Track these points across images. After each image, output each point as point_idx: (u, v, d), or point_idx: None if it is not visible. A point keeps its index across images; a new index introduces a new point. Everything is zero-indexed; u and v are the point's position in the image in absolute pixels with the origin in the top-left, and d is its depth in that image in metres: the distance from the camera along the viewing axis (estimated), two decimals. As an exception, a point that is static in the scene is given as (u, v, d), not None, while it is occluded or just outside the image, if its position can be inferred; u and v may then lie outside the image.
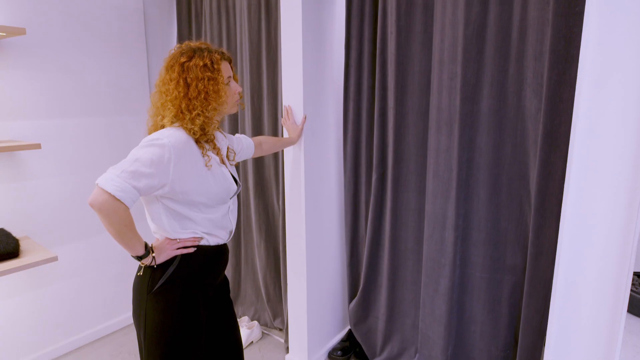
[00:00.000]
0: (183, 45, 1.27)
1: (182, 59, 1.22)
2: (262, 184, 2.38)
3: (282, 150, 2.07)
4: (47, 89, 2.09)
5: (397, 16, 1.74)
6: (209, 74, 1.22)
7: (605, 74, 1.08)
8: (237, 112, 2.40)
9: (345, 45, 1.95)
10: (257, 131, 2.33)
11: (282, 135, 2.07)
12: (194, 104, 1.21)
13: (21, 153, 2.02)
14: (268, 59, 2.18)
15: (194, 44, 1.27)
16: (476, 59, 1.57)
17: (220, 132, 1.44)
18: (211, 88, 1.23)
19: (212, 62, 1.23)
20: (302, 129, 1.86)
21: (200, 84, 1.21)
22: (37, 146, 1.82)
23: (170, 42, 2.69)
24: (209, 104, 1.23)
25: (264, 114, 2.28)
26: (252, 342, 2.39)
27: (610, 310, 1.14)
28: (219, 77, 1.25)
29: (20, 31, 1.78)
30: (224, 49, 1.34)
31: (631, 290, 1.52)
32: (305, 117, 1.86)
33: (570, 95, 1.34)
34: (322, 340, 2.18)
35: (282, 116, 1.94)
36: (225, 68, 1.29)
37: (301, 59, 1.80)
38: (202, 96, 1.22)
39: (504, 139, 1.59)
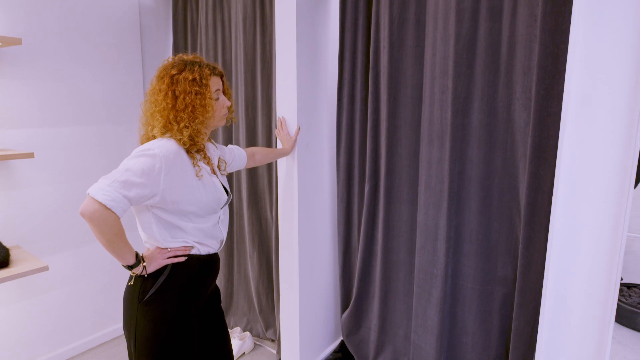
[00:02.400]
0: (176, 58, 1.29)
1: (173, 71, 1.24)
2: (255, 194, 2.38)
3: (276, 161, 2.09)
4: (42, 98, 2.10)
5: (390, 30, 1.78)
6: (197, 88, 1.24)
7: (591, 89, 1.11)
8: (231, 124, 2.41)
9: (339, 58, 1.98)
10: (251, 142, 2.34)
11: (276, 146, 2.08)
12: (181, 116, 1.23)
13: (14, 162, 2.02)
14: (262, 71, 2.21)
15: (187, 57, 1.29)
16: (467, 73, 1.60)
17: (211, 142, 1.46)
18: (198, 102, 1.24)
19: (200, 77, 1.25)
20: (295, 140, 1.87)
21: (187, 98, 1.23)
22: (30, 155, 1.82)
23: (165, 54, 2.72)
24: (196, 118, 1.24)
25: (258, 125, 2.29)
26: (244, 353, 2.37)
27: (599, 321, 1.16)
28: (207, 92, 1.26)
29: (16, 41, 1.80)
30: (217, 64, 1.36)
31: (621, 301, 1.53)
32: (299, 129, 1.88)
33: (558, 109, 1.36)
34: (314, 351, 2.17)
35: (276, 127, 1.96)
36: (214, 83, 1.31)
37: (295, 71, 1.83)
38: (189, 109, 1.23)
39: (494, 151, 1.61)
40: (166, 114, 1.23)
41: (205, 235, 1.31)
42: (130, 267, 1.23)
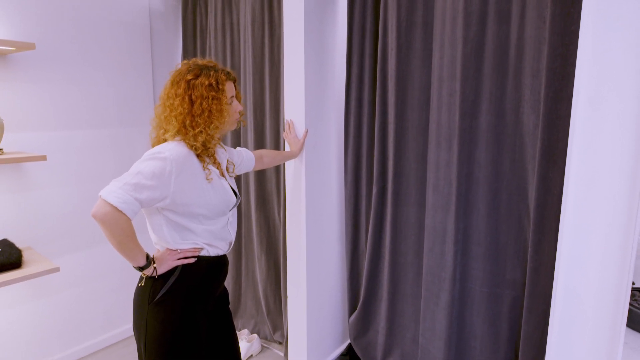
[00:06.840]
0: (190, 62, 1.29)
1: (189, 76, 1.25)
2: (263, 197, 2.39)
3: (284, 164, 2.10)
4: (55, 101, 2.13)
5: (398, 33, 1.78)
6: (214, 93, 1.25)
7: (601, 91, 1.10)
8: (239, 128, 2.43)
9: (347, 61, 1.99)
10: (259, 144, 2.36)
11: (284, 149, 2.09)
12: (197, 121, 1.24)
13: (27, 164, 2.05)
14: (271, 74, 2.22)
15: (201, 61, 1.30)
16: (475, 76, 1.60)
17: (220, 145, 1.47)
18: (215, 107, 1.25)
19: (217, 82, 1.26)
20: (303, 143, 1.88)
21: (204, 103, 1.24)
22: (43, 158, 1.85)
23: (175, 57, 2.74)
24: (212, 122, 1.26)
25: (266, 127, 2.31)
26: (251, 355, 2.38)
27: (610, 325, 1.14)
28: (223, 97, 1.27)
29: (30, 46, 1.83)
30: (230, 69, 1.37)
31: (632, 305, 1.51)
32: (307, 131, 1.88)
33: (567, 112, 1.35)
34: (322, 354, 2.17)
35: (284, 130, 1.97)
36: (229, 88, 1.32)
37: (303, 74, 1.84)
38: (206, 114, 1.24)
39: (503, 154, 1.60)
40: (182, 118, 1.24)
41: (214, 237, 1.33)
42: (140, 269, 1.24)
